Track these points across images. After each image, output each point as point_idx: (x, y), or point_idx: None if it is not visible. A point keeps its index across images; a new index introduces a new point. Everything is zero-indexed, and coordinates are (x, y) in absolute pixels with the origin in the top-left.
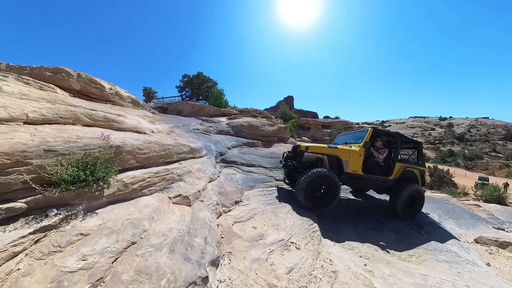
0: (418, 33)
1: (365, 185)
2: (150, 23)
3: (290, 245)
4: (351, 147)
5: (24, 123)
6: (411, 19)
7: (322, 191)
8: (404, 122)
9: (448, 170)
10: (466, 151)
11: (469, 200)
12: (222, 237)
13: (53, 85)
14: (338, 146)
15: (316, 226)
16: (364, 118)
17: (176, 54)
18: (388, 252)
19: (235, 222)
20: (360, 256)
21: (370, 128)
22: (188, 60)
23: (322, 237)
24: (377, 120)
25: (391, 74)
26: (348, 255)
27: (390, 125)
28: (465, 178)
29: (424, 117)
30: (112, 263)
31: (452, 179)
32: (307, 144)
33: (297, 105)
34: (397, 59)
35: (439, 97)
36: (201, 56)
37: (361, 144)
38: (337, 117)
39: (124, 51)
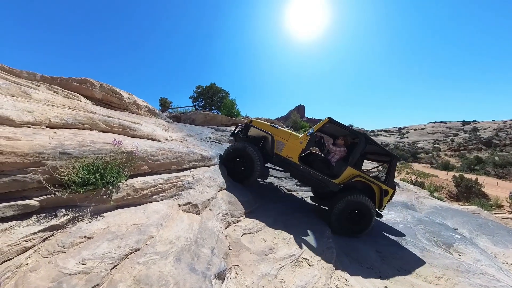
0: (436, 30)
1: (303, 179)
2: (168, 40)
3: (302, 261)
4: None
5: (47, 127)
6: (429, 15)
7: (243, 165)
8: (423, 128)
9: (477, 179)
10: (496, 158)
11: (504, 213)
12: (230, 249)
13: (78, 94)
14: (281, 128)
15: (330, 241)
16: (380, 125)
17: (191, 66)
18: (412, 272)
19: (244, 234)
20: (380, 277)
21: (326, 118)
22: (201, 72)
23: (337, 253)
24: (394, 127)
25: (408, 78)
26: (366, 274)
27: (408, 132)
28: (497, 188)
29: (445, 122)
30: (111, 269)
31: (482, 189)
32: (252, 118)
33: (308, 113)
34: (414, 62)
35: (461, 100)
36: (214, 68)
37: (306, 132)
38: (350, 125)
39: (145, 65)
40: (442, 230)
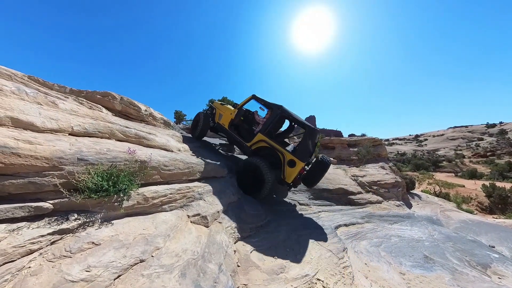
0: (453, 29)
1: (232, 141)
2: (183, 57)
3: (316, 283)
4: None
5: (69, 134)
6: (443, 12)
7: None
8: (442, 134)
9: None
10: None
11: None
12: (238, 266)
13: (100, 106)
14: (226, 105)
15: (347, 261)
16: (395, 134)
17: (205, 80)
18: None
19: (254, 250)
20: None
21: (250, 95)
22: (215, 85)
23: (354, 274)
24: (410, 135)
25: (422, 83)
26: None
27: (426, 139)
28: None
29: (467, 126)
30: (114, 279)
31: None
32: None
33: (320, 124)
34: (426, 65)
35: (482, 101)
36: (226, 81)
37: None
38: (363, 135)
39: (163, 79)
40: (476, 248)
